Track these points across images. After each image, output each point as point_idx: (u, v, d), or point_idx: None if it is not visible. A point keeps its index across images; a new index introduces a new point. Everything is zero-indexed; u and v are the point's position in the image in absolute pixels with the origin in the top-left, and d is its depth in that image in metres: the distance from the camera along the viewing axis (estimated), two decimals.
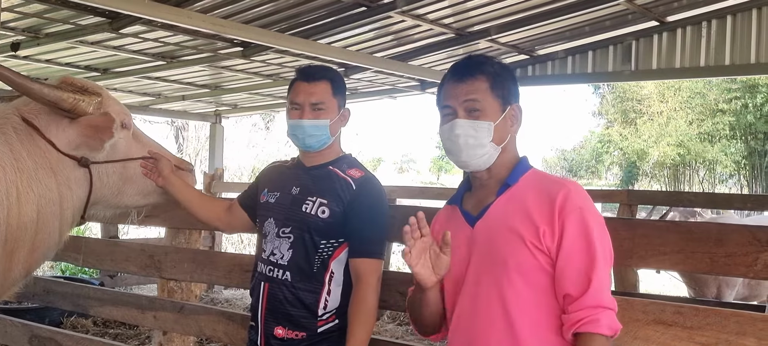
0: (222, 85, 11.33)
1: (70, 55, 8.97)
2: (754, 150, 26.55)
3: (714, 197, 10.90)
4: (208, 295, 9.37)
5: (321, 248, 2.70)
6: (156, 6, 6.30)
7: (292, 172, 2.88)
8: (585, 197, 2.11)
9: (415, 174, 43.92)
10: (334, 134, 2.80)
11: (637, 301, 2.43)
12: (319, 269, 2.70)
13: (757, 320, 2.26)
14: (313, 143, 2.78)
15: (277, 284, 2.73)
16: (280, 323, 2.72)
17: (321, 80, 2.78)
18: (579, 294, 2.01)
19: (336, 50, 8.58)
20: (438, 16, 8.07)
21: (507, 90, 2.22)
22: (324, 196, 2.71)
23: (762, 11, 8.60)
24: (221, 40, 8.19)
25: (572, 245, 2.04)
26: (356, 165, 2.82)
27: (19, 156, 2.53)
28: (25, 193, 2.52)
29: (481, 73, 2.20)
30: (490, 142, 2.17)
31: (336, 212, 2.68)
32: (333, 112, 2.77)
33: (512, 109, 2.23)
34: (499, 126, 2.18)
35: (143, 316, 3.88)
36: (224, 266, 3.61)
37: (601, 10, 8.39)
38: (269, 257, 2.77)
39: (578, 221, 2.05)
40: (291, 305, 2.70)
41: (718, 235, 2.30)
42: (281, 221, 2.77)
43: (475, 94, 2.18)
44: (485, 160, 2.19)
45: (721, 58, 8.91)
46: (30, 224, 2.54)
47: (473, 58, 2.28)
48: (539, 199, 2.11)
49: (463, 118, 2.18)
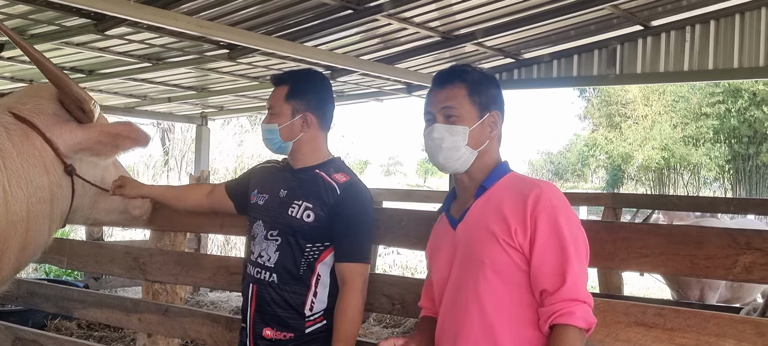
0: (208, 87, 11.30)
1: (55, 56, 8.90)
2: (737, 154, 26.81)
3: (697, 200, 11.01)
4: (194, 297, 9.35)
5: (306, 251, 2.72)
6: (142, 8, 6.28)
7: (281, 174, 2.90)
8: (558, 197, 2.17)
9: (401, 177, 43.98)
10: (287, 139, 2.80)
11: (619, 303, 2.46)
12: (305, 272, 2.72)
13: (737, 322, 2.29)
14: (269, 146, 2.87)
15: (265, 286, 2.75)
16: (268, 324, 2.75)
17: (280, 85, 2.85)
18: (555, 289, 2.07)
19: (322, 53, 8.58)
20: (424, 19, 8.09)
21: (486, 97, 2.31)
22: (309, 200, 2.73)
23: (745, 16, 8.68)
24: (207, 42, 8.17)
25: (545, 243, 2.10)
26: (343, 169, 2.83)
27: (7, 154, 2.51)
28: (13, 192, 2.51)
29: (460, 80, 2.31)
30: (465, 145, 2.27)
31: (321, 216, 2.70)
32: (283, 117, 2.79)
33: (491, 116, 2.32)
34: (475, 131, 2.28)
35: (128, 318, 3.87)
36: (210, 268, 3.61)
37: (586, 15, 8.44)
38: (257, 259, 2.79)
39: (549, 219, 2.11)
40: (278, 306, 2.73)
41: (698, 238, 2.33)
42: (269, 224, 2.79)
43: (453, 101, 2.29)
44: (461, 163, 2.29)
45: (704, 63, 8.98)
46: (20, 223, 2.54)
47: (456, 66, 2.38)
48: (512, 199, 2.18)
49: (441, 123, 2.29)
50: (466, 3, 7.66)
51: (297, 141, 2.81)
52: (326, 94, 2.91)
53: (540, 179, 2.23)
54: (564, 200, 2.18)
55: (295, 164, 2.86)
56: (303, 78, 2.89)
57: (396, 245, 3.33)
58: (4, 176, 2.49)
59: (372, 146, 58.57)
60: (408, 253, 13.33)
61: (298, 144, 2.82)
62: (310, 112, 2.81)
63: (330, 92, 2.94)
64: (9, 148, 2.53)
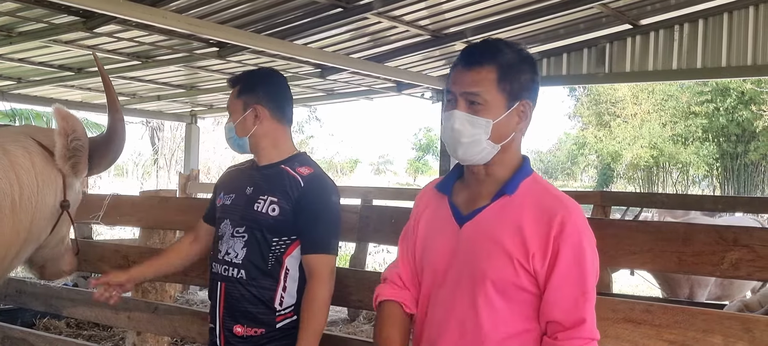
0: (198, 86, 11.28)
1: (43, 54, 8.88)
2: (725, 152, 27.00)
3: (686, 198, 11.06)
4: (184, 296, 9.33)
5: (273, 245, 2.73)
6: (131, 5, 6.26)
7: (247, 173, 2.92)
8: (584, 222, 1.99)
9: (391, 175, 43.95)
10: (242, 134, 2.85)
11: (608, 299, 2.47)
12: (273, 266, 2.74)
13: (724, 318, 2.31)
14: (230, 145, 2.95)
15: (233, 283, 2.76)
16: (238, 321, 2.76)
17: (233, 86, 2.91)
18: (571, 325, 1.93)
19: (312, 51, 8.58)
20: (414, 17, 8.10)
21: (518, 84, 2.02)
22: (274, 194, 2.75)
23: (733, 15, 8.74)
24: (197, 40, 8.16)
25: (566, 274, 1.93)
26: (307, 163, 2.85)
27: (25, 171, 2.70)
28: (23, 204, 2.69)
29: (490, 61, 2.01)
30: (487, 140, 2.01)
31: (285, 210, 2.71)
32: (236, 114, 2.85)
33: (521, 106, 2.04)
34: (500, 124, 2.01)
35: (117, 317, 3.86)
36: (199, 266, 3.60)
37: (575, 14, 8.48)
38: (224, 256, 2.80)
39: (574, 249, 1.93)
40: (248, 302, 2.73)
41: (685, 234, 2.35)
42: (236, 221, 2.80)
43: (479, 86, 2.00)
44: (482, 157, 2.04)
45: (693, 62, 9.04)
46: (22, 232, 2.72)
47: (488, 42, 2.07)
48: (535, 218, 1.97)
49: (463, 109, 2.02)
50: (455, 2, 7.69)
51: (253, 135, 2.84)
52: (278, 88, 2.92)
53: (564, 196, 2.03)
54: (589, 228, 2.00)
55: (260, 161, 2.89)
56: (253, 75, 2.95)
57: (386, 243, 3.33)
58: (16, 189, 2.65)
59: (362, 145, 58.53)
60: None
61: (254, 139, 2.85)
62: (260, 105, 2.83)
63: (284, 87, 2.94)
64: (28, 166, 2.71)
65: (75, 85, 10.65)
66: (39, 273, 3.18)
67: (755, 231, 2.27)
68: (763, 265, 2.22)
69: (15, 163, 2.67)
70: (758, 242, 2.23)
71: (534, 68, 2.08)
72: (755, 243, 2.23)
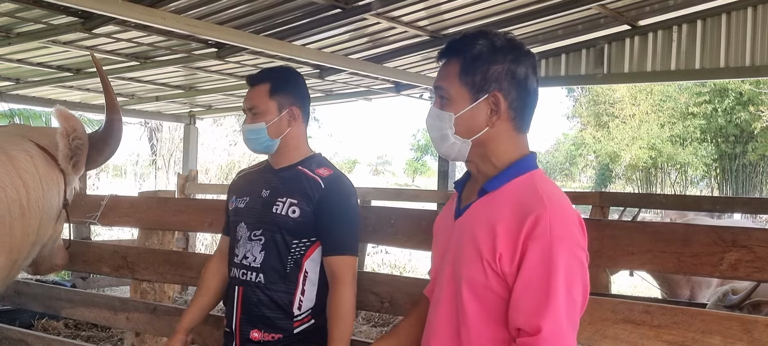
0: (196, 86, 11.27)
1: (42, 54, 8.87)
2: (724, 153, 27.03)
3: (684, 199, 11.06)
4: (182, 296, 9.31)
5: (293, 247, 2.69)
6: (129, 6, 6.26)
7: (261, 176, 2.86)
8: (562, 225, 1.80)
9: (390, 176, 43.97)
10: (276, 136, 2.77)
11: (606, 300, 2.46)
12: (292, 269, 2.69)
13: (723, 319, 2.30)
14: (255, 147, 2.82)
15: (251, 287, 2.72)
16: (255, 326, 2.71)
17: (259, 83, 2.81)
18: (531, 332, 1.78)
19: (311, 52, 8.58)
20: (413, 18, 8.11)
21: (483, 75, 1.93)
22: (293, 196, 2.69)
23: (731, 16, 8.75)
24: (195, 41, 8.16)
25: (531, 276, 1.79)
26: (325, 164, 2.81)
27: (30, 176, 2.75)
28: (31, 208, 2.75)
29: (455, 54, 1.97)
30: (453, 134, 1.95)
31: (306, 211, 2.67)
32: (270, 115, 2.75)
33: (492, 97, 1.93)
34: (463, 117, 1.94)
35: (116, 317, 3.85)
36: (197, 266, 3.59)
37: (574, 14, 8.48)
38: (242, 260, 2.75)
39: (543, 250, 1.78)
40: (266, 307, 2.69)
41: (684, 235, 2.34)
42: (252, 225, 2.75)
43: (444, 81, 1.98)
44: (456, 152, 1.99)
45: (691, 62, 9.05)
46: (32, 235, 2.80)
47: (462, 35, 2.01)
48: (511, 215, 1.85)
49: (436, 105, 2.00)
50: (454, 2, 7.69)
51: (284, 137, 2.78)
52: (305, 88, 2.90)
53: (551, 194, 1.87)
54: (570, 231, 1.82)
55: (277, 164, 2.83)
56: (283, 73, 2.88)
57: (385, 244, 3.33)
58: (24, 195, 2.70)
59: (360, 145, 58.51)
60: (397, 252, 13.34)
61: (285, 140, 2.79)
62: (296, 106, 2.80)
63: (306, 87, 2.92)
64: (32, 171, 2.76)
65: (74, 85, 10.65)
66: (33, 269, 3.21)
67: (754, 232, 2.27)
68: (761, 266, 2.22)
69: (20, 168, 2.70)
70: (757, 243, 2.23)
71: (512, 58, 1.95)
72: (754, 244, 2.23)
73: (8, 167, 2.65)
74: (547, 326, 1.75)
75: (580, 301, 1.84)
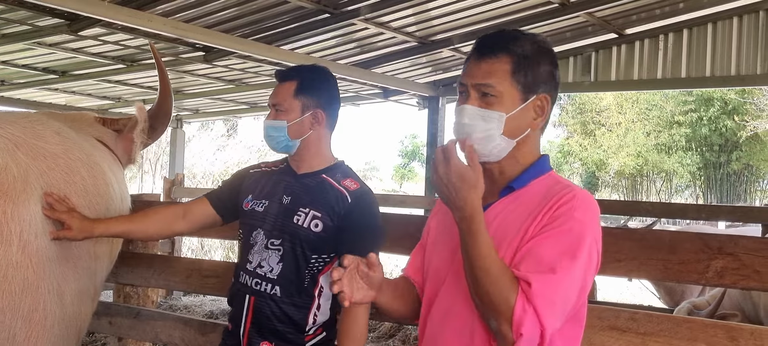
0: (183, 90, 11.22)
1: (27, 56, 8.81)
2: (708, 161, 27.19)
3: (670, 206, 11.11)
4: (167, 301, 9.26)
5: (312, 262, 2.56)
6: (116, 8, 6.22)
7: (281, 178, 2.70)
8: (587, 211, 1.78)
9: (377, 182, 43.93)
10: (296, 137, 2.62)
11: (593, 307, 2.45)
12: (309, 284, 2.57)
13: (708, 327, 2.31)
14: (273, 145, 2.67)
15: (265, 299, 2.57)
16: (265, 338, 2.58)
17: (287, 80, 2.66)
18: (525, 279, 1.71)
19: (299, 56, 8.56)
20: (401, 24, 8.11)
21: (534, 76, 1.88)
22: (317, 208, 2.55)
23: (717, 26, 8.81)
24: (183, 44, 8.12)
25: (548, 235, 1.75)
26: (351, 175, 2.66)
27: (117, 169, 3.00)
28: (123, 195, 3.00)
29: (504, 51, 1.88)
30: (500, 135, 1.86)
31: (329, 226, 2.53)
32: (293, 114, 2.61)
33: (538, 100, 1.90)
34: (514, 117, 1.87)
35: (98, 322, 3.81)
36: (182, 271, 3.58)
37: (561, 22, 8.52)
38: (256, 269, 2.60)
39: (565, 219, 1.75)
40: (279, 321, 2.56)
41: (671, 243, 2.35)
42: (269, 232, 2.59)
43: (492, 78, 1.86)
44: (496, 153, 1.89)
45: (677, 71, 9.11)
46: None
47: (504, 32, 1.94)
48: (541, 205, 1.81)
49: (474, 103, 1.87)
50: (442, 9, 7.70)
51: (305, 140, 2.64)
52: (336, 92, 2.75)
53: (577, 187, 1.86)
54: (595, 221, 1.79)
55: (299, 168, 2.68)
56: (313, 73, 2.72)
57: None
58: (116, 189, 2.89)
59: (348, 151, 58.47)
60: (383, 257, 13.30)
61: (305, 143, 2.64)
62: (321, 109, 2.64)
63: (338, 91, 2.78)
64: (116, 169, 2.99)
65: (59, 88, 10.57)
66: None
67: (740, 240, 2.27)
68: (747, 273, 2.23)
69: (106, 177, 2.84)
70: (743, 251, 2.24)
71: (553, 61, 1.94)
72: (740, 252, 2.24)
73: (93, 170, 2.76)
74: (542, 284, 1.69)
75: (587, 269, 1.77)
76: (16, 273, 2.30)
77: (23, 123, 2.66)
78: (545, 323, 1.68)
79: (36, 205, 2.43)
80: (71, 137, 2.76)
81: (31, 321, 2.36)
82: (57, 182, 2.55)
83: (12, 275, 2.29)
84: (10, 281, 2.29)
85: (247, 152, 22.35)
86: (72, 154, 2.67)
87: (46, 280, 2.42)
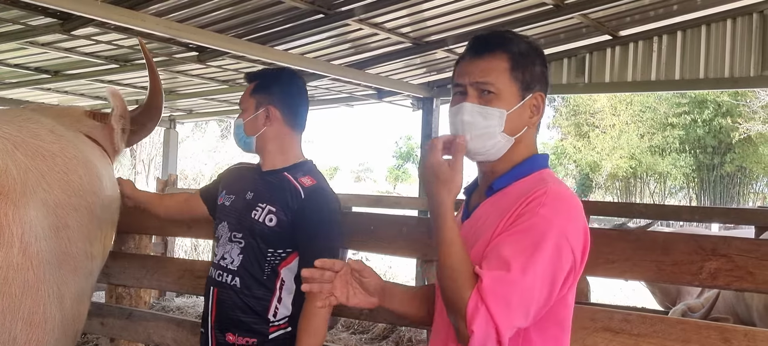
0: (177, 90, 11.20)
1: (19, 56, 8.78)
2: (702, 163, 27.28)
3: (663, 208, 11.13)
4: (160, 302, 9.23)
5: (269, 255, 2.65)
6: (109, 8, 6.20)
7: (250, 175, 2.82)
8: (556, 202, 1.75)
9: (371, 183, 43.93)
10: (251, 133, 2.75)
11: (586, 308, 2.46)
12: (269, 276, 2.65)
13: (701, 328, 2.30)
14: (237, 142, 2.84)
15: (226, 289, 2.68)
16: (229, 329, 2.67)
17: (250, 82, 2.82)
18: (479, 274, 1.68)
19: (293, 57, 8.55)
20: (395, 25, 8.10)
21: (531, 74, 1.90)
22: (273, 203, 2.64)
23: (711, 28, 8.84)
24: (176, 44, 8.10)
25: (509, 231, 1.73)
26: (311, 172, 2.74)
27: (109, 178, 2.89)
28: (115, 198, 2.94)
29: (502, 50, 1.89)
30: (501, 132, 1.86)
31: (283, 221, 2.61)
32: (248, 112, 2.76)
33: (534, 97, 1.91)
34: (513, 115, 1.87)
35: (90, 323, 3.78)
36: (175, 272, 3.55)
37: (555, 24, 8.52)
38: (220, 261, 2.73)
39: (530, 212, 1.73)
40: (241, 311, 2.65)
41: (664, 244, 2.34)
42: (233, 225, 2.71)
43: (491, 75, 1.87)
44: (495, 152, 1.89)
45: (671, 73, 9.12)
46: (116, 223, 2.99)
47: (497, 33, 1.95)
48: (512, 206, 1.79)
49: (473, 101, 1.87)
50: (436, 10, 7.70)
51: (260, 136, 2.74)
52: (294, 90, 2.82)
53: (561, 192, 1.81)
54: (563, 214, 1.75)
55: (264, 165, 2.79)
56: (271, 74, 2.87)
57: (365, 250, 3.30)
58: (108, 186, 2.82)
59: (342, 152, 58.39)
60: (377, 258, 13.31)
61: (262, 140, 2.75)
62: (273, 106, 2.73)
63: (300, 90, 2.84)
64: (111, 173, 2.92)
65: (52, 87, 10.54)
66: None
67: (734, 241, 2.27)
68: (740, 275, 2.22)
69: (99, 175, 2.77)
70: (736, 252, 2.23)
71: (544, 62, 1.97)
72: (733, 253, 2.23)
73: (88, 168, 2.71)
74: (489, 274, 1.66)
75: (555, 263, 1.71)
76: (16, 276, 2.29)
77: (18, 122, 2.61)
78: (499, 321, 1.64)
79: (36, 207, 2.41)
80: (65, 135, 2.72)
81: (31, 324, 2.35)
82: (56, 182, 2.53)
83: (12, 277, 2.28)
84: (10, 284, 2.27)
85: (240, 154, 22.33)
86: (68, 152, 2.64)
87: (46, 283, 2.40)
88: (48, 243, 2.43)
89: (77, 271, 2.58)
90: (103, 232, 2.76)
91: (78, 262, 2.59)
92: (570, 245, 1.74)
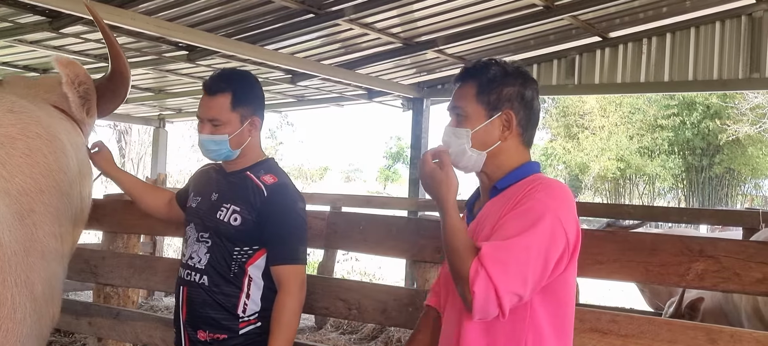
0: (166, 89, 11.16)
1: (7, 53, 8.72)
2: (691, 165, 27.41)
3: (652, 209, 11.19)
4: (148, 302, 9.20)
5: (235, 253, 2.69)
6: (98, 6, 6.16)
7: (215, 177, 2.87)
8: (551, 195, 1.98)
9: (361, 183, 43.92)
10: (237, 146, 2.74)
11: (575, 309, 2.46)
12: (236, 274, 2.69)
13: (688, 329, 2.32)
14: (214, 156, 2.81)
15: (194, 288, 2.72)
16: (200, 326, 2.72)
17: (219, 94, 2.72)
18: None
19: (283, 56, 8.54)
20: (386, 25, 8.10)
21: (498, 95, 2.14)
22: (237, 203, 2.69)
23: (700, 30, 8.88)
24: (166, 43, 8.07)
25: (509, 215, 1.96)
26: (272, 170, 2.78)
27: (75, 146, 2.73)
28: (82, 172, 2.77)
29: (471, 78, 2.18)
30: (470, 147, 2.13)
31: (248, 220, 2.67)
32: (232, 126, 2.71)
33: (504, 115, 2.13)
34: (479, 132, 2.12)
35: (77, 322, 3.78)
36: (163, 271, 3.55)
37: (546, 25, 8.54)
38: (188, 261, 2.77)
39: (526, 201, 1.96)
40: (210, 308, 2.69)
41: (652, 245, 2.36)
42: (200, 226, 2.77)
43: (461, 101, 2.17)
44: (473, 164, 2.15)
45: (660, 75, 9.17)
46: (87, 197, 2.81)
47: (474, 64, 2.23)
48: (512, 200, 2.02)
49: (452, 123, 2.19)
50: (427, 10, 7.70)
51: (244, 146, 2.78)
52: (262, 92, 2.86)
53: (555, 186, 2.05)
54: (556, 199, 1.97)
55: (229, 167, 2.82)
56: (244, 82, 2.80)
57: (354, 250, 3.30)
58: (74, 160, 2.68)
59: (332, 152, 58.35)
60: (366, 259, 13.31)
61: (244, 149, 2.78)
62: (256, 116, 2.78)
63: (261, 89, 2.88)
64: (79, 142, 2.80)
65: None
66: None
67: (720, 242, 2.28)
68: (727, 276, 2.24)
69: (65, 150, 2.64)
70: (723, 253, 2.25)
71: (524, 83, 2.19)
72: (720, 254, 2.25)
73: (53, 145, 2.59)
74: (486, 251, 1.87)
75: (540, 265, 1.90)
76: None
77: None
78: (497, 282, 1.83)
79: None
80: (26, 111, 2.61)
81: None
82: (18, 167, 2.42)
83: None
84: None
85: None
86: (30, 131, 2.52)
87: (13, 272, 2.34)
88: (12, 233, 2.34)
89: (46, 255, 2.50)
90: (73, 209, 2.66)
91: (46, 245, 2.50)
92: (563, 228, 1.94)
